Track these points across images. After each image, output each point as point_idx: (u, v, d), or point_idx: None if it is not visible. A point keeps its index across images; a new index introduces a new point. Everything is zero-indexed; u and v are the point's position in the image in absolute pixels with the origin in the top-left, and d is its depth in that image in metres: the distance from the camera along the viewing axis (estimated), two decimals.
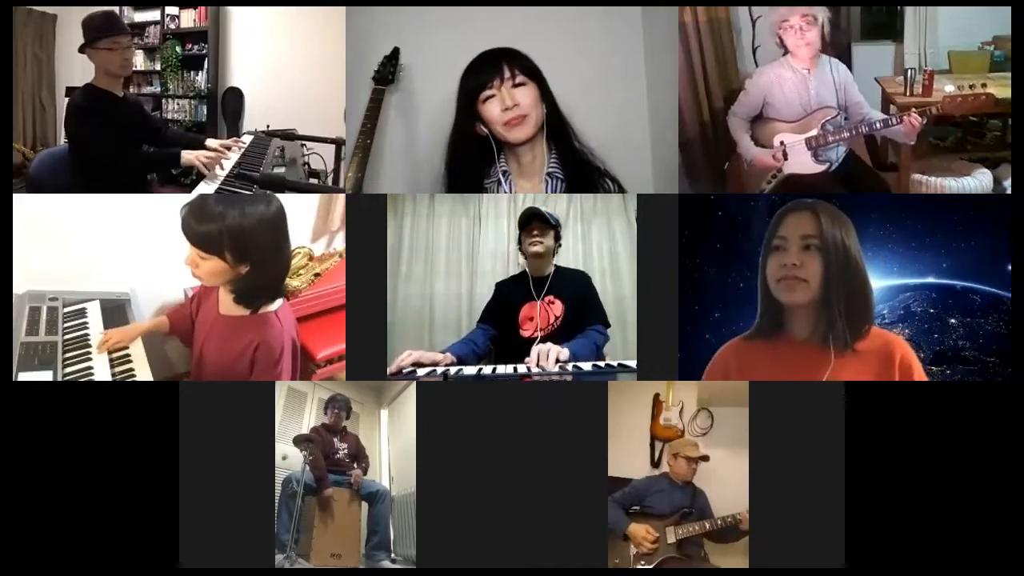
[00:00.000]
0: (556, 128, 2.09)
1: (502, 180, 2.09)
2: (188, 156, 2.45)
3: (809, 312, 1.55)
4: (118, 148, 2.38)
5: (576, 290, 2.33)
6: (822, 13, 2.22)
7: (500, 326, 2.34)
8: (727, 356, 1.67)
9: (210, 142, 2.57)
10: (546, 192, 2.11)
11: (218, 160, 2.49)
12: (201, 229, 1.63)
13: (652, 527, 1.88)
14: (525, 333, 2.28)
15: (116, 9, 2.45)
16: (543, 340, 2.21)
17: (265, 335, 1.73)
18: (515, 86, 2.01)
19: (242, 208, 1.65)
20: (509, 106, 2.00)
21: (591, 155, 2.13)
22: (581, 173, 2.11)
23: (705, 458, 1.93)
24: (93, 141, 2.33)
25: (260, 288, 1.74)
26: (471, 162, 2.10)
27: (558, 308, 2.29)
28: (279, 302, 1.80)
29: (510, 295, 2.38)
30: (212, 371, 1.79)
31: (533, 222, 2.31)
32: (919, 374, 1.54)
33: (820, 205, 1.57)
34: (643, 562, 1.87)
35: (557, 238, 2.36)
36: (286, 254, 1.78)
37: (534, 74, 2.05)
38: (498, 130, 2.04)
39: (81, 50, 2.33)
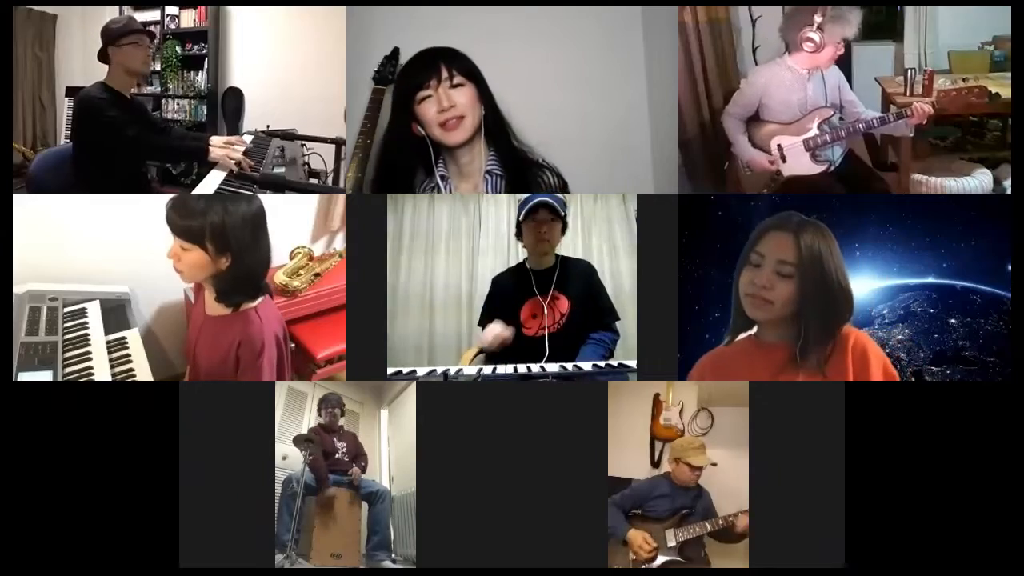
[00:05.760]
0: (494, 129, 2.05)
1: (441, 185, 2.06)
2: (217, 152, 2.43)
3: (776, 324, 1.56)
4: (140, 134, 2.36)
5: (582, 286, 2.28)
6: (852, 31, 2.18)
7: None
8: (705, 365, 1.68)
9: (215, 139, 2.56)
10: (486, 191, 2.07)
11: (238, 156, 2.48)
12: (183, 223, 1.65)
13: (651, 533, 1.86)
14: (528, 332, 2.26)
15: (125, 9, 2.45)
16: (549, 338, 2.21)
17: (246, 331, 1.73)
18: (452, 87, 1.98)
19: (224, 205, 1.68)
20: (445, 107, 1.97)
21: (530, 151, 2.10)
22: (520, 168, 2.07)
23: (711, 464, 1.90)
24: (111, 131, 2.29)
25: (240, 282, 1.73)
26: (405, 163, 2.06)
27: (564, 305, 2.25)
28: (260, 299, 1.79)
29: (510, 292, 2.34)
30: (204, 373, 1.79)
31: (540, 211, 2.21)
32: (875, 354, 1.52)
33: (804, 227, 1.53)
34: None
35: (563, 227, 2.27)
36: (265, 250, 1.78)
37: (472, 75, 2.01)
38: (435, 132, 2.00)
39: (101, 54, 2.30)
